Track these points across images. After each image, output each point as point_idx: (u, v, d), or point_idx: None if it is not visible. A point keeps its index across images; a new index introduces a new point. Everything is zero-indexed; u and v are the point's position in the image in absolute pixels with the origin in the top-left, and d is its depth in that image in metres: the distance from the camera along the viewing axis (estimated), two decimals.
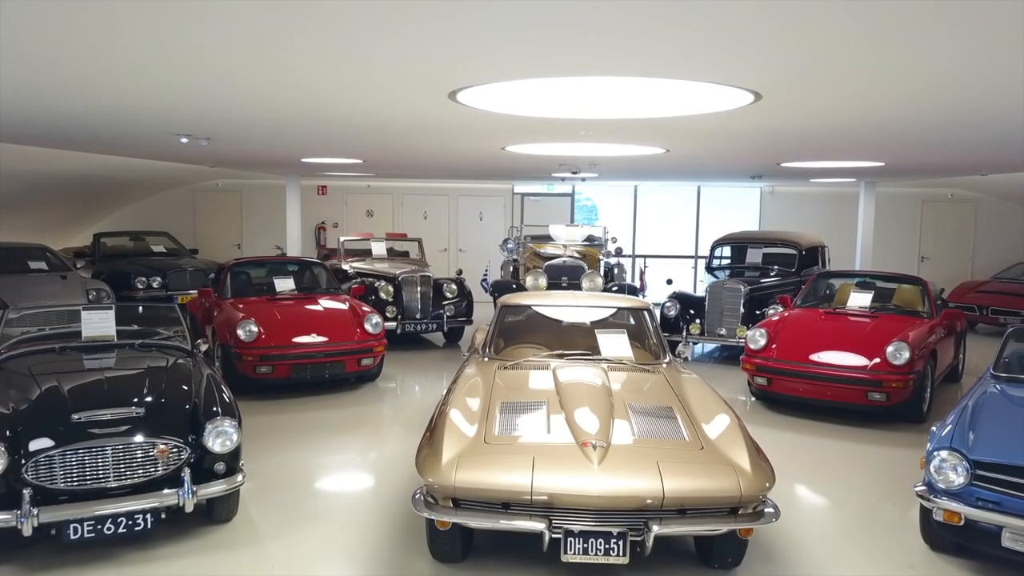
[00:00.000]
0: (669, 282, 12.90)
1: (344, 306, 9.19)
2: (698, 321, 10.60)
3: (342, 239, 13.18)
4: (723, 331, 10.46)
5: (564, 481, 3.97)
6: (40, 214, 14.46)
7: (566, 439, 4.31)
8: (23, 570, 4.45)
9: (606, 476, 3.98)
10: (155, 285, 12.96)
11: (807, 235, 12.54)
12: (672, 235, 17.38)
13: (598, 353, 5.73)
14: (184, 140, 6.53)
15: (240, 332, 8.09)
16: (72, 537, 4.39)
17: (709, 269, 12.41)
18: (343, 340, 8.56)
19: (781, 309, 9.46)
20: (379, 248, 12.96)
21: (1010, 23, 2.66)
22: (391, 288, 11.07)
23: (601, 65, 3.50)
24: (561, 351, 5.81)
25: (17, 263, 11.61)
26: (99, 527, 4.43)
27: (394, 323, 10.64)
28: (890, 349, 7.45)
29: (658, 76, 3.76)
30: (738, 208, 17.36)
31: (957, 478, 4.41)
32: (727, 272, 11.97)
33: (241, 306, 8.82)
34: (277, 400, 8.21)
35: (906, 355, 7.37)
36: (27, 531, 4.23)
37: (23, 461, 4.38)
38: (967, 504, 4.37)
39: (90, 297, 11.04)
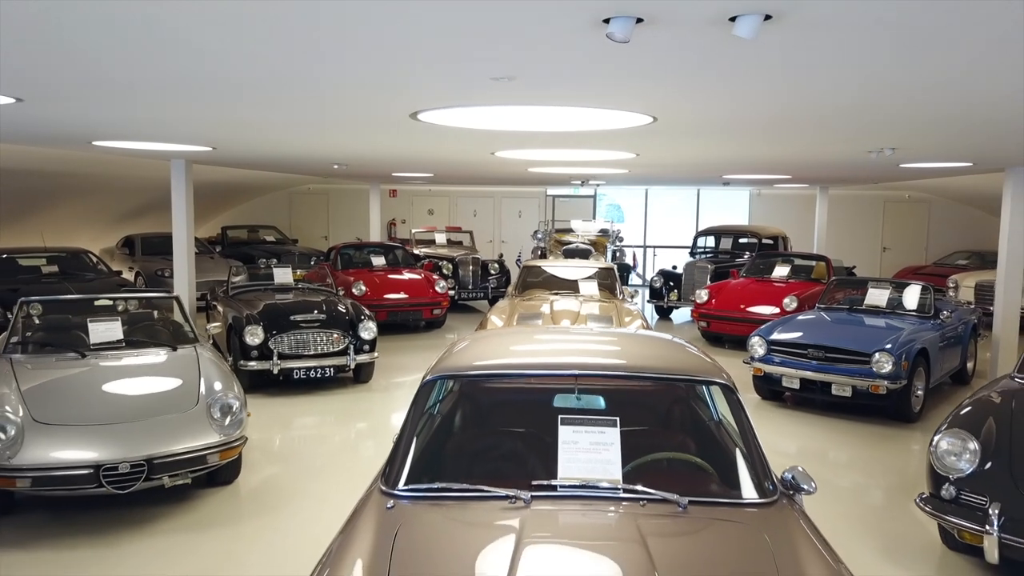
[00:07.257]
0: (674, 267, 16.62)
1: (419, 276, 13.23)
2: (676, 291, 14.41)
3: (413, 231, 17.27)
4: (694, 298, 14.22)
5: None
6: None
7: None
8: (271, 395, 8.56)
9: None
10: (272, 265, 17.20)
11: (769, 228, 16.18)
12: (677, 229, 21.05)
13: (578, 292, 9.66)
14: (336, 167, 10.65)
15: (354, 290, 12.17)
16: (295, 377, 8.48)
17: (692, 254, 16.15)
18: (420, 296, 12.62)
19: (730, 279, 13.21)
20: (441, 238, 17.03)
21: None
22: (450, 266, 15.06)
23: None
24: (558, 291, 9.74)
25: None
26: (308, 373, 8.51)
27: (452, 292, 14.62)
28: (786, 301, 11.20)
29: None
30: (732, 207, 21.00)
31: (761, 350, 8.20)
32: (707, 255, 15.70)
33: (350, 274, 12.93)
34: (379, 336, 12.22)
35: (795, 305, 11.10)
36: (275, 371, 8.32)
37: (269, 338, 8.46)
38: (765, 363, 8.16)
39: (232, 270, 15.32)
